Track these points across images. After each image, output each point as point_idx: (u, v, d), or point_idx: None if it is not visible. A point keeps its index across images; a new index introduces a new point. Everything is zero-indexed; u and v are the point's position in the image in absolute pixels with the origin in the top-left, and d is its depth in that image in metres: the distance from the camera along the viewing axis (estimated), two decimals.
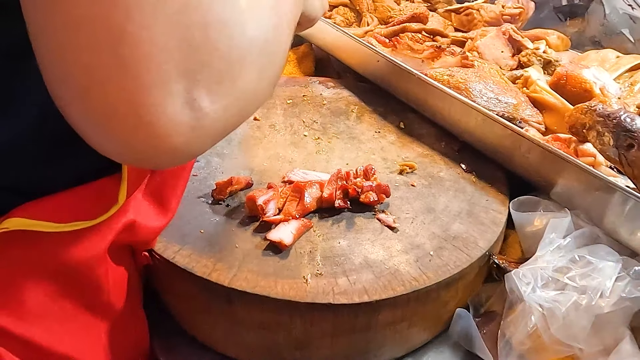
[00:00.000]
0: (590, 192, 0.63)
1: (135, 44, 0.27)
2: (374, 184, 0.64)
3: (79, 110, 0.30)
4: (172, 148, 0.31)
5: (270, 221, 0.60)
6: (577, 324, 0.54)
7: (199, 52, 0.29)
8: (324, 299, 0.52)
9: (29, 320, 0.45)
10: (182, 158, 0.34)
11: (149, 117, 0.29)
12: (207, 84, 0.30)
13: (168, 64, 0.28)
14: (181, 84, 0.29)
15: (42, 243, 0.44)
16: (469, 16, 1.17)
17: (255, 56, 0.34)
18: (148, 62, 0.28)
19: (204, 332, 0.60)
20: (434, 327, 0.61)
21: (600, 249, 0.58)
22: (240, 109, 0.35)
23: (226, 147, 0.74)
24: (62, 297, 0.47)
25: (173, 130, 0.30)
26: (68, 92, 0.29)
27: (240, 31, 0.32)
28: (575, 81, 0.86)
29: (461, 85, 0.83)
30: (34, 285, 0.44)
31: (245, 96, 0.35)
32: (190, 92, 0.30)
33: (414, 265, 0.56)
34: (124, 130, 0.29)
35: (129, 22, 0.27)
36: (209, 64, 0.30)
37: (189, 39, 0.29)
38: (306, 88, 0.92)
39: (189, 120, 0.30)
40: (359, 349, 0.56)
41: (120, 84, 0.28)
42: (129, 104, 0.28)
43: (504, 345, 0.57)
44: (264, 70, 0.36)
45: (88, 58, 0.27)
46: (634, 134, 0.64)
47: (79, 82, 0.28)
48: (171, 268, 0.56)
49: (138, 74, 0.28)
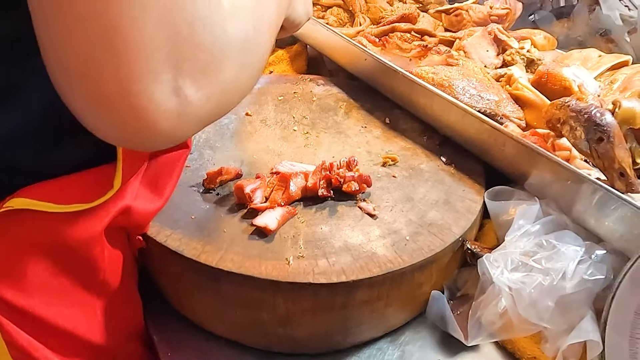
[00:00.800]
0: (561, 183, 0.66)
1: (127, 37, 0.31)
2: (355, 175, 0.68)
3: (78, 97, 0.34)
4: (160, 132, 0.35)
5: (257, 208, 0.64)
6: (542, 304, 0.58)
7: (184, 46, 0.33)
8: (305, 279, 0.56)
9: (30, 293, 0.49)
10: (168, 141, 0.38)
11: (139, 103, 0.32)
12: (192, 74, 0.34)
13: (157, 56, 0.32)
14: (168, 73, 0.33)
15: (43, 222, 0.48)
16: (458, 17, 1.21)
17: (235, 52, 0.38)
18: (138, 53, 0.31)
19: (194, 311, 0.64)
20: (410, 308, 0.65)
21: (566, 235, 0.62)
22: (222, 99, 0.39)
23: (218, 141, 0.79)
24: (60, 273, 0.51)
25: (160, 116, 0.34)
26: (68, 80, 0.33)
27: (222, 29, 0.36)
28: (556, 79, 0.89)
29: (445, 82, 0.87)
30: (35, 261, 0.49)
31: (226, 87, 0.38)
32: (177, 81, 0.33)
33: (390, 248, 0.60)
34: (117, 115, 0.33)
35: (122, 18, 0.30)
36: (194, 57, 0.34)
37: (176, 34, 0.32)
38: (297, 85, 0.96)
39: (175, 107, 0.34)
40: (338, 326, 0.60)
41: (113, 72, 0.31)
42: (122, 92, 0.32)
43: (474, 324, 0.61)
44: (244, 65, 0.40)
45: (86, 49, 0.31)
46: (603, 128, 0.68)
47: (78, 70, 0.32)
48: (163, 250, 0.60)
49: (129, 63, 0.31)
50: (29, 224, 0.47)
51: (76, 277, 0.53)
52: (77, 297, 0.54)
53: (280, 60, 1.07)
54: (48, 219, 0.48)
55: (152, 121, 0.34)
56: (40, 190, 0.47)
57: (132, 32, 0.31)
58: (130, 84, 0.32)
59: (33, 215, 0.47)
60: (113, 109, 0.33)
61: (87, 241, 0.52)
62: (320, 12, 1.24)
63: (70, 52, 0.32)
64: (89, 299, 0.55)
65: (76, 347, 0.55)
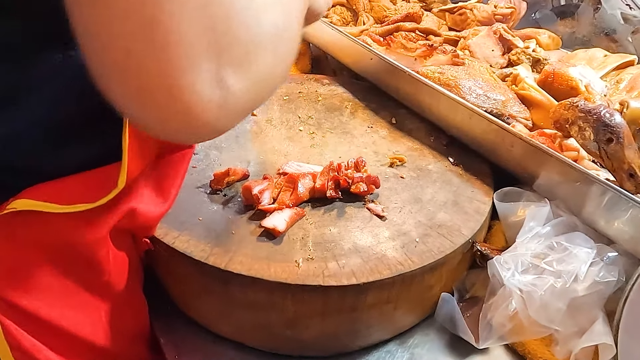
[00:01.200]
0: (570, 184, 0.66)
1: (167, 31, 0.31)
2: (364, 176, 0.67)
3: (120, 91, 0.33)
4: (203, 123, 0.34)
5: (265, 210, 0.63)
6: (553, 307, 0.57)
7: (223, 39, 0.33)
8: (314, 281, 0.55)
9: (34, 295, 0.48)
10: (212, 133, 0.38)
11: (183, 96, 0.32)
12: (232, 65, 0.34)
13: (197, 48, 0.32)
14: (210, 65, 0.33)
15: (47, 224, 0.47)
16: (463, 16, 1.20)
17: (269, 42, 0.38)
18: (179, 46, 0.31)
19: (201, 313, 0.63)
20: (420, 310, 0.64)
21: (577, 237, 0.61)
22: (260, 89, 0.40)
23: (224, 141, 0.78)
24: (65, 275, 0.50)
25: (203, 107, 0.33)
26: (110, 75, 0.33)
27: (256, 22, 0.36)
28: (562, 79, 0.89)
29: (451, 82, 0.86)
30: (39, 263, 0.48)
31: (263, 77, 0.39)
32: (218, 72, 0.33)
33: (400, 250, 0.60)
34: (160, 109, 0.33)
35: (161, 12, 0.30)
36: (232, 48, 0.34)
37: (213, 27, 0.32)
38: (302, 85, 0.95)
39: (217, 99, 0.34)
40: (347, 329, 0.60)
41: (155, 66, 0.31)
42: (165, 85, 0.32)
43: (485, 327, 0.60)
44: (278, 55, 0.40)
45: (127, 44, 0.31)
46: (612, 129, 0.68)
47: (119, 65, 0.32)
48: (171, 252, 0.59)
49: (170, 57, 0.31)
50: (33, 226, 0.47)
51: (80, 279, 0.52)
52: (81, 299, 0.53)
53: None
54: (52, 220, 0.47)
55: (196, 113, 0.33)
56: (43, 191, 0.46)
57: (171, 25, 0.31)
58: (172, 77, 0.32)
59: (37, 217, 0.46)
60: (157, 103, 0.33)
61: (92, 243, 0.51)
62: None
63: (111, 47, 0.32)
64: (93, 301, 0.55)
65: (80, 349, 0.54)
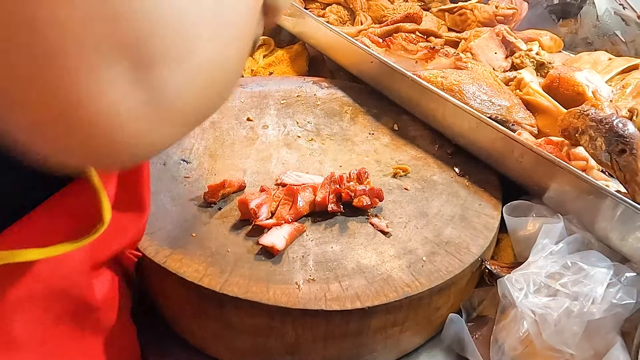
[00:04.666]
0: (581, 197, 0.63)
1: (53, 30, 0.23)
2: (367, 188, 0.64)
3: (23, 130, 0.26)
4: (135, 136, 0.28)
5: (262, 225, 0.59)
6: (568, 330, 0.54)
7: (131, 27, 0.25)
8: (316, 305, 0.52)
9: (18, 348, 0.43)
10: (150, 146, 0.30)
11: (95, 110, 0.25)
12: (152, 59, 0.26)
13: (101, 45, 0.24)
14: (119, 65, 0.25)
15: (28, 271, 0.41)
16: (463, 16, 1.17)
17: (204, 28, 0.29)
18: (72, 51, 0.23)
19: (195, 335, 0.60)
20: (426, 331, 0.61)
21: (592, 255, 0.58)
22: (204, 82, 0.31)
23: (218, 148, 0.74)
24: (51, 321, 0.45)
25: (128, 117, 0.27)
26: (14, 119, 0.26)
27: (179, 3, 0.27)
28: (568, 84, 0.86)
29: (455, 87, 0.83)
30: (22, 313, 0.42)
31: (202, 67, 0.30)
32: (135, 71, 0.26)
33: (406, 270, 0.56)
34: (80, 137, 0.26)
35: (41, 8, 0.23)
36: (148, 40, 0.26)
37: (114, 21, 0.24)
38: (300, 88, 0.91)
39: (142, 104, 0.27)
40: (351, 354, 0.56)
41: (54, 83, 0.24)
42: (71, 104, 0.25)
43: (497, 351, 0.57)
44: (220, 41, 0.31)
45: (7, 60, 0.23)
46: (626, 139, 0.65)
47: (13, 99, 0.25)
48: (162, 272, 0.55)
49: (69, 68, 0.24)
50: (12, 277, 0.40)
51: (68, 323, 0.46)
52: (71, 344, 0.47)
53: (280, 61, 1.02)
54: (33, 266, 0.41)
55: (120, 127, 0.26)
56: (16, 236, 0.39)
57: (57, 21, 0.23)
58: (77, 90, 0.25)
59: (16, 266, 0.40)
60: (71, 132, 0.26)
61: (77, 282, 0.46)
62: (320, 10, 1.19)
63: None
64: (84, 342, 0.49)
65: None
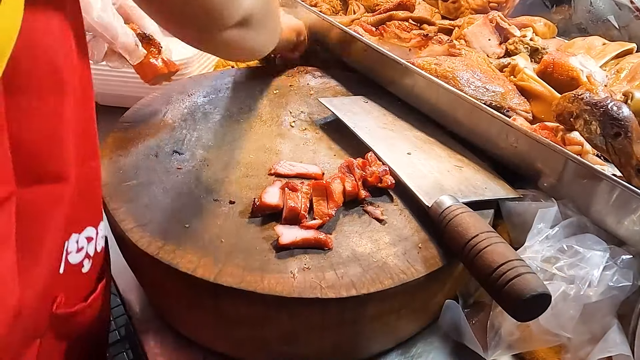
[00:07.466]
0: (577, 181, 0.62)
1: None
2: (387, 168, 0.65)
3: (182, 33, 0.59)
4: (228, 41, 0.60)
5: (310, 226, 0.57)
6: (565, 314, 0.54)
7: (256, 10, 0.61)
8: (312, 294, 0.51)
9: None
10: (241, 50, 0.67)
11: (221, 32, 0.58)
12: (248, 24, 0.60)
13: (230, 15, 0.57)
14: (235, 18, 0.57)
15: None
16: (456, 3, 1.16)
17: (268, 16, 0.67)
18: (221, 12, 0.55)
19: (189, 327, 0.59)
20: (423, 318, 0.61)
21: (588, 239, 0.58)
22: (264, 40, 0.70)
23: (212, 139, 0.73)
24: None
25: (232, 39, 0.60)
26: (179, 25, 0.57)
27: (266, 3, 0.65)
28: (562, 69, 0.85)
29: (449, 74, 0.82)
30: None
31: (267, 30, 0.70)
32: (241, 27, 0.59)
33: (401, 257, 0.56)
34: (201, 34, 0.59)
35: None
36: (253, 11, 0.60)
37: None
38: (293, 78, 0.91)
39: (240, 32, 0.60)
40: (347, 342, 0.56)
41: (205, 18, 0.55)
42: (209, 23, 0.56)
43: (494, 336, 0.57)
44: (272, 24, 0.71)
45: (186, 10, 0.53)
46: (620, 122, 0.64)
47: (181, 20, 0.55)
48: (155, 264, 0.55)
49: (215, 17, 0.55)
50: None
51: None
52: None
53: None
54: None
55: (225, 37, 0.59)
56: None
57: None
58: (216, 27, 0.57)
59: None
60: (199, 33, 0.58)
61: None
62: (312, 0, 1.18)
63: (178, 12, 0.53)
64: None
65: None
